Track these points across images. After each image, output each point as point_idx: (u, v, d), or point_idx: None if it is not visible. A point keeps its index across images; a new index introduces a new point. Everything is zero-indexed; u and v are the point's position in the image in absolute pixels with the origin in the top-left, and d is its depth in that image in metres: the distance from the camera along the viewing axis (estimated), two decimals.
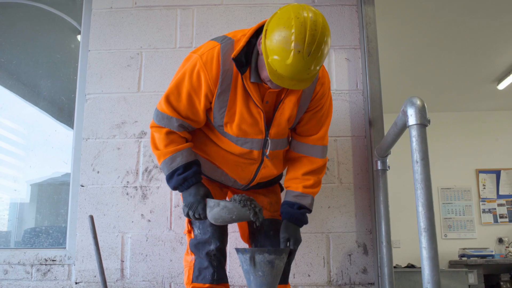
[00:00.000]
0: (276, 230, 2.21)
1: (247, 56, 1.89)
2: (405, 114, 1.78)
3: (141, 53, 2.95)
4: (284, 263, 2.01)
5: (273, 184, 2.32)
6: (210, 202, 1.92)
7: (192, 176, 1.96)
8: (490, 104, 7.15)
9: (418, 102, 1.77)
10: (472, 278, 6.01)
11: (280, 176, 2.35)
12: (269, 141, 2.03)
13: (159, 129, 1.99)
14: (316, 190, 2.16)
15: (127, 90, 2.91)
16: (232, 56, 1.87)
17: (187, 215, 1.95)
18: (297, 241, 2.08)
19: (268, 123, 2.01)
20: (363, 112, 2.84)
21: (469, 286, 5.86)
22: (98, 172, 2.81)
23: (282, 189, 2.39)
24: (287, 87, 1.83)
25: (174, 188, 2.00)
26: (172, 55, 2.94)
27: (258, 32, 1.92)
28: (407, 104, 1.78)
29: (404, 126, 1.82)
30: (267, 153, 2.05)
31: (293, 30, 1.71)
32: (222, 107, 1.96)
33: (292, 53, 1.71)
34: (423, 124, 1.74)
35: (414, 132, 1.74)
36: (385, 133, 2.34)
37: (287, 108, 2.00)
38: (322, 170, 2.18)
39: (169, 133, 1.98)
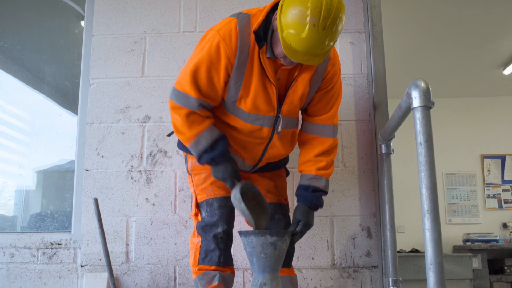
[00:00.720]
0: (281, 214, 2.22)
1: (264, 31, 1.91)
2: (409, 96, 1.78)
3: (145, 37, 2.95)
4: (287, 245, 2.02)
5: (279, 167, 2.32)
6: (236, 193, 1.96)
7: (219, 155, 1.98)
8: (496, 90, 7.11)
9: (423, 85, 1.76)
10: (476, 262, 6.02)
11: (286, 161, 2.35)
12: (281, 118, 2.04)
13: (179, 111, 1.97)
14: (329, 171, 2.15)
15: (131, 75, 2.91)
16: (253, 29, 1.89)
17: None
18: (308, 224, 2.08)
19: (280, 100, 2.02)
20: (367, 96, 2.84)
21: (473, 270, 5.87)
22: (102, 156, 2.82)
23: (287, 174, 2.39)
24: (300, 62, 1.84)
25: (208, 163, 2.02)
26: (175, 40, 2.93)
27: (274, 8, 1.93)
28: (412, 86, 1.78)
29: (409, 109, 1.82)
30: (279, 130, 2.05)
31: (309, 4, 1.72)
32: (238, 80, 1.96)
33: (307, 26, 1.73)
34: (427, 106, 1.74)
35: (418, 115, 1.73)
36: (389, 117, 2.33)
37: (300, 86, 2.01)
38: (334, 151, 2.17)
39: (189, 114, 1.97)
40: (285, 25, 1.78)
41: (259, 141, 2.09)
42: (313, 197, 2.10)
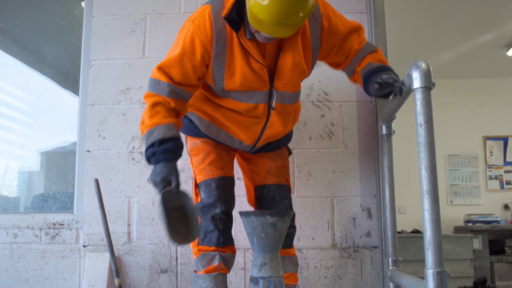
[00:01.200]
0: (282, 195, 2.23)
1: (239, 13, 1.83)
2: (410, 77, 1.78)
3: (145, 18, 2.94)
4: (287, 226, 2.03)
5: (281, 147, 2.30)
6: (162, 197, 1.83)
7: (162, 152, 1.86)
8: (499, 71, 7.07)
9: (423, 65, 1.76)
10: (477, 243, 6.05)
11: (288, 139, 2.32)
12: (274, 92, 1.98)
13: (148, 98, 1.92)
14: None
15: (131, 56, 2.90)
16: (223, 15, 1.82)
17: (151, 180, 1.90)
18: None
19: (272, 75, 1.96)
20: None
21: (474, 251, 5.90)
22: (104, 137, 2.83)
23: (290, 153, 2.39)
24: (268, 34, 1.76)
25: (147, 160, 1.91)
26: (176, 21, 2.92)
27: None
28: (412, 67, 1.77)
29: (409, 89, 1.82)
30: (273, 105, 2.00)
31: None
32: (220, 68, 1.91)
33: None
34: (427, 87, 1.74)
35: (418, 95, 1.74)
36: (391, 98, 2.33)
37: (289, 56, 1.93)
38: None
39: (155, 104, 1.89)
40: None
41: (257, 120, 2.06)
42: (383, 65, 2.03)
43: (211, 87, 2.00)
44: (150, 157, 1.87)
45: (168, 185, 1.84)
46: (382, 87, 1.94)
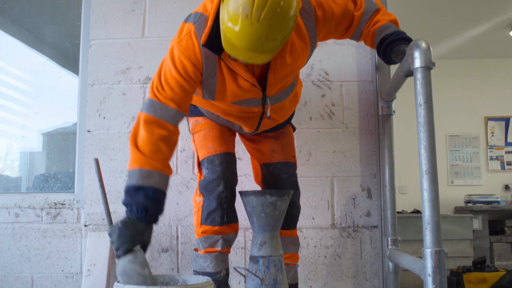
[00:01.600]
0: (288, 173, 2.22)
1: (219, 34, 1.68)
2: (410, 56, 1.77)
3: None
4: (287, 205, 2.04)
5: (283, 126, 2.28)
6: (136, 261, 1.67)
7: (153, 214, 1.72)
8: (502, 51, 7.02)
9: (423, 45, 1.75)
10: (477, 223, 6.08)
11: (290, 117, 2.31)
12: (267, 99, 1.93)
13: (149, 126, 1.76)
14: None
15: (131, 36, 2.89)
16: (202, 42, 1.73)
17: (112, 234, 1.70)
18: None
19: (264, 83, 1.89)
20: (369, 57, 2.82)
21: (474, 231, 5.93)
22: (104, 117, 2.83)
23: (294, 129, 2.38)
24: (243, 60, 1.66)
25: (128, 205, 1.72)
26: (176, 0, 2.89)
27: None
28: (413, 46, 1.76)
29: (409, 69, 1.81)
30: (268, 113, 1.95)
31: None
32: (211, 89, 1.86)
33: (240, 18, 1.54)
34: (427, 67, 1.73)
35: (418, 75, 1.73)
36: (391, 78, 2.32)
37: (280, 63, 1.83)
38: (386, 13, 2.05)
39: (162, 138, 1.77)
40: (223, 18, 1.61)
41: (252, 115, 2.04)
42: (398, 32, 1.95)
43: (198, 96, 1.97)
44: (140, 210, 1.69)
45: (129, 250, 1.68)
46: (400, 57, 1.92)
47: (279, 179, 2.20)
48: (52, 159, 3.20)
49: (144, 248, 1.73)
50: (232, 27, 1.57)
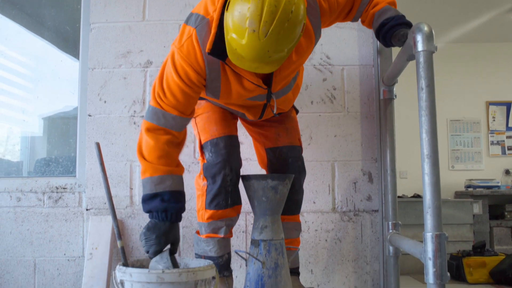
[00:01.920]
0: (294, 157, 2.22)
1: (223, 39, 1.65)
2: (412, 40, 1.76)
3: None
4: (288, 189, 2.04)
5: (286, 110, 2.26)
6: (157, 261, 1.75)
7: (174, 213, 1.79)
8: (503, 35, 6.98)
9: (426, 28, 1.74)
10: (477, 208, 6.10)
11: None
12: (273, 95, 1.93)
13: (153, 134, 1.80)
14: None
15: (132, 19, 2.87)
16: (207, 50, 1.69)
17: (141, 238, 1.79)
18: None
19: (268, 81, 1.88)
20: (371, 41, 2.80)
21: (474, 215, 5.95)
22: (105, 101, 2.82)
23: (297, 112, 2.38)
24: (249, 70, 1.64)
25: (149, 212, 1.80)
26: None
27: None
28: (415, 30, 1.76)
29: (412, 53, 1.80)
30: (274, 110, 1.96)
31: (249, 5, 1.48)
32: (215, 91, 1.86)
33: (246, 32, 1.50)
34: (430, 50, 1.72)
35: (420, 59, 1.72)
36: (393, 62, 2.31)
37: (286, 62, 1.82)
38: None
39: (168, 143, 1.80)
40: (228, 27, 1.57)
41: (256, 106, 2.04)
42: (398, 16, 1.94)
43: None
44: (160, 211, 1.77)
45: (158, 252, 1.77)
46: (402, 41, 1.91)
47: (285, 163, 2.19)
48: (53, 143, 3.20)
49: (175, 246, 1.81)
50: (238, 39, 1.54)
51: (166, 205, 1.77)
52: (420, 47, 1.72)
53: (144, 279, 1.60)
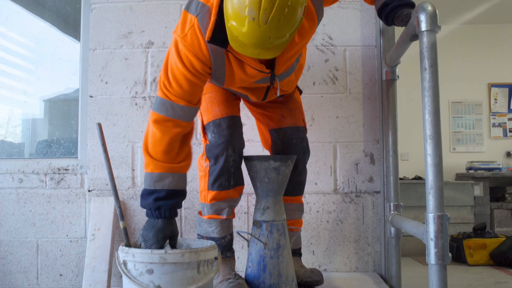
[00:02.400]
0: (299, 138, 2.21)
1: (223, 27, 1.63)
2: (415, 20, 1.74)
3: None
4: (290, 171, 2.04)
5: (290, 90, 2.24)
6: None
7: (168, 209, 1.80)
8: (506, 17, 6.93)
9: (429, 8, 1.73)
10: (478, 190, 6.11)
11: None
12: (276, 77, 1.91)
13: (161, 126, 1.78)
14: None
15: None
16: (206, 39, 1.68)
17: (139, 242, 1.81)
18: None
19: (271, 65, 1.87)
20: (374, 21, 2.78)
21: (475, 198, 5.97)
22: (106, 82, 2.81)
23: (301, 92, 2.36)
24: (252, 56, 1.61)
25: (144, 208, 1.84)
26: None
27: None
28: (418, 9, 1.74)
29: (415, 33, 1.79)
30: (278, 92, 1.94)
31: None
32: (219, 78, 1.85)
33: (246, 20, 1.48)
34: (433, 30, 1.71)
35: (424, 39, 1.71)
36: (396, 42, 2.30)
37: (289, 45, 1.79)
38: None
39: (175, 137, 1.80)
40: (228, 15, 1.55)
41: (259, 88, 2.03)
42: None
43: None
44: (153, 209, 1.79)
45: (160, 246, 1.78)
46: (405, 22, 1.90)
47: (289, 144, 2.19)
48: (54, 124, 3.19)
49: (173, 240, 1.82)
50: (238, 27, 1.52)
51: (160, 203, 1.79)
52: (423, 27, 1.70)
53: (147, 259, 1.60)
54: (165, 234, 1.80)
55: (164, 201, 1.79)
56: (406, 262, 4.12)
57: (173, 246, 1.83)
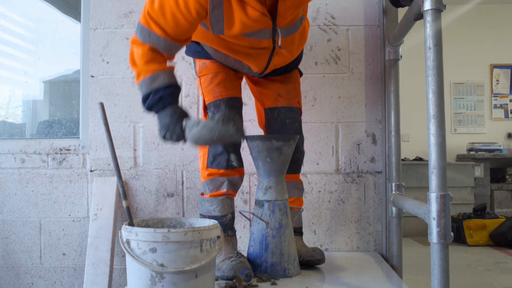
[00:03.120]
0: (292, 118, 2.21)
1: None
2: None
3: None
4: (293, 150, 2.04)
5: (290, 70, 2.25)
6: (189, 122, 1.75)
7: (168, 96, 1.77)
8: None
9: None
10: (479, 171, 6.13)
11: (298, 61, 2.27)
12: (278, 30, 1.89)
13: (141, 45, 1.78)
14: None
15: None
16: None
17: (164, 137, 1.79)
18: None
19: (274, 13, 1.84)
20: (377, 1, 2.76)
21: (475, 179, 5.99)
22: (107, 62, 2.80)
23: (301, 74, 2.36)
24: None
25: (149, 109, 1.81)
26: None
27: None
28: None
29: (419, 12, 1.77)
30: (279, 43, 1.92)
31: None
32: (218, 20, 1.80)
33: None
34: (438, 9, 1.69)
35: (428, 17, 1.69)
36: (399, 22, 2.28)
37: None
38: None
39: (152, 50, 1.78)
40: None
41: (262, 51, 2.00)
42: None
43: (208, 30, 1.89)
44: (156, 102, 1.77)
45: (180, 128, 1.77)
46: (410, 1, 1.89)
47: (283, 124, 2.20)
48: (55, 105, 3.19)
49: (187, 116, 1.79)
50: None
51: (160, 94, 1.76)
52: (428, 5, 1.68)
53: (150, 238, 1.61)
54: (178, 114, 1.77)
55: (163, 91, 1.76)
56: (406, 242, 4.15)
57: (189, 116, 1.82)
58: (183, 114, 1.79)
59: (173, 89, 1.79)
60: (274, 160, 2.00)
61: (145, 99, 1.79)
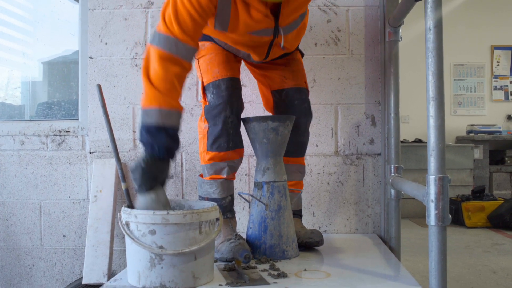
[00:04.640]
0: (301, 99, 2.21)
1: None
2: None
3: None
4: (289, 131, 2.04)
5: (292, 52, 2.24)
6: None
7: (174, 153, 1.75)
8: None
9: None
10: (478, 153, 6.14)
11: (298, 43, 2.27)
12: (280, 29, 1.90)
13: (165, 63, 1.70)
14: None
15: None
16: None
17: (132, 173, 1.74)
18: None
19: (277, 12, 1.85)
20: None
21: (474, 161, 6.00)
22: (106, 43, 2.78)
23: (302, 55, 2.35)
24: None
25: (146, 143, 1.71)
26: None
27: None
28: None
29: None
30: (282, 44, 1.92)
31: None
32: (224, 21, 1.81)
33: None
34: None
35: None
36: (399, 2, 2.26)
37: None
38: None
39: (177, 76, 1.73)
40: None
41: (262, 43, 2.00)
42: None
43: (208, 25, 1.90)
44: (160, 148, 1.70)
45: (151, 188, 1.74)
46: None
47: (291, 105, 2.19)
48: (54, 86, 3.18)
49: (163, 183, 1.78)
50: None
51: (170, 143, 1.71)
52: None
53: (149, 220, 1.61)
54: (163, 176, 1.75)
55: (173, 143, 1.73)
56: (404, 224, 4.18)
57: (164, 185, 1.78)
58: (163, 178, 1.76)
59: (178, 142, 1.77)
60: (270, 141, 2.00)
61: (152, 130, 1.70)
